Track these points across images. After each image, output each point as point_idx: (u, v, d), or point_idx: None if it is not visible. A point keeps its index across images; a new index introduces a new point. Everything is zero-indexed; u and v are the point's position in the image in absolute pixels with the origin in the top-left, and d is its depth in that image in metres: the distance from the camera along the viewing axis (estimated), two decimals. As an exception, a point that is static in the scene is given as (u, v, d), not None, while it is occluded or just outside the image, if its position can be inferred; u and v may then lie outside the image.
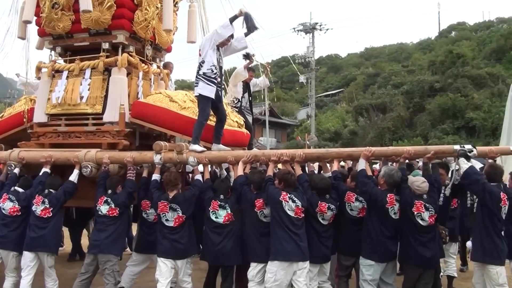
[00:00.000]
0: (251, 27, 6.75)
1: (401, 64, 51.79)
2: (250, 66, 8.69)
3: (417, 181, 5.80)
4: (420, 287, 5.77)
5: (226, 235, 6.03)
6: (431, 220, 5.66)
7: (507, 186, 6.43)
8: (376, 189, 5.83)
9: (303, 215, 5.77)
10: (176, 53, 9.67)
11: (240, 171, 6.21)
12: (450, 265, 7.19)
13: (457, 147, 5.94)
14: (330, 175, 6.30)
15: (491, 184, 5.64)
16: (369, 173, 6.08)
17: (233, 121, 7.82)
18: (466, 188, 5.91)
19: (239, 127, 8.08)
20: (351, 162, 7.37)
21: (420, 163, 6.94)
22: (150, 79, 7.92)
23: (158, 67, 8.37)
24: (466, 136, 31.34)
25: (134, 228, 7.94)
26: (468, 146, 5.89)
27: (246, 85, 8.92)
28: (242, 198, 6.00)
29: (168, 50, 8.74)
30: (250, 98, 9.08)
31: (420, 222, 5.64)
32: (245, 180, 6.07)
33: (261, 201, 5.88)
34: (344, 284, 6.30)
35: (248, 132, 8.46)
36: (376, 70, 52.86)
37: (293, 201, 5.70)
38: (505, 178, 6.73)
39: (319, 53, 79.43)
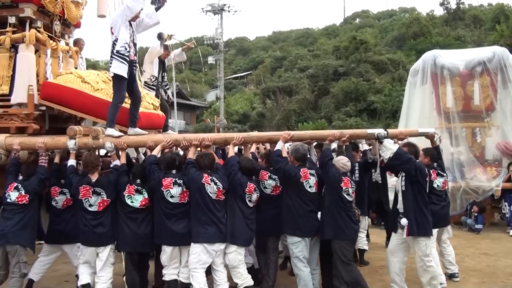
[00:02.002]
0: None
1: (307, 48, 53.19)
2: (165, 43, 8.55)
3: (342, 159, 6.09)
4: None
5: (142, 220, 5.92)
6: (353, 194, 6.06)
7: (421, 161, 6.98)
8: (289, 165, 6.06)
9: (224, 197, 5.87)
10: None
11: (156, 152, 6.15)
12: (361, 239, 7.68)
13: (371, 131, 6.38)
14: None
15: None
16: (284, 154, 6.23)
17: (149, 103, 7.66)
18: (398, 167, 6.23)
19: (155, 109, 7.95)
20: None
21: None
22: (59, 57, 7.44)
23: (67, 44, 7.92)
24: (367, 118, 32.97)
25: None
26: (381, 130, 6.35)
27: (161, 63, 8.77)
28: (150, 176, 5.92)
29: (77, 25, 8.33)
30: (164, 74, 8.95)
31: (347, 197, 5.96)
32: (155, 159, 6.02)
33: (169, 180, 5.85)
34: (263, 261, 6.52)
35: (163, 114, 8.36)
36: (283, 54, 53.88)
37: (215, 183, 5.77)
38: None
39: (228, 35, 79.56)
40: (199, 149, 6.54)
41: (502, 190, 10.80)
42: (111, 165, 6.27)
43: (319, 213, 6.06)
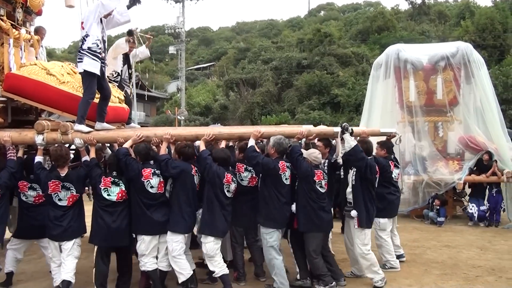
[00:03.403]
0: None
1: (271, 40, 53.27)
2: (132, 35, 8.53)
3: (314, 152, 6.43)
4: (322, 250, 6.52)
5: (119, 214, 5.99)
6: (326, 187, 6.36)
7: (376, 154, 7.39)
8: (266, 159, 6.33)
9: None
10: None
11: (127, 145, 6.22)
12: None
13: (337, 129, 6.68)
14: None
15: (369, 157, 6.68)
16: (257, 149, 6.52)
17: (115, 97, 7.64)
18: (351, 163, 6.61)
19: (120, 103, 7.95)
20: None
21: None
22: (21, 46, 7.34)
23: (29, 32, 7.82)
24: (331, 111, 33.37)
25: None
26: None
27: (126, 57, 8.73)
28: (128, 168, 5.98)
29: (39, 13, 8.21)
30: (130, 70, 8.93)
31: (320, 189, 6.29)
32: (127, 151, 6.09)
33: (148, 170, 5.99)
34: (240, 249, 6.83)
35: (127, 107, 8.38)
36: (247, 45, 53.74)
37: (198, 174, 6.15)
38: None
39: (190, 24, 78.84)
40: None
41: (471, 189, 11.40)
42: (82, 160, 6.27)
43: (293, 205, 6.38)
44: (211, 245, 6.10)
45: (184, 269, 6.03)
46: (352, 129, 6.66)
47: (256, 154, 6.31)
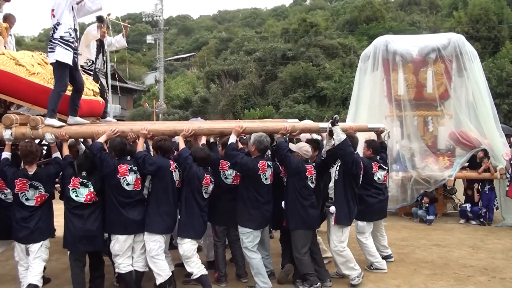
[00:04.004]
0: None
1: (255, 30, 53.36)
2: (103, 22, 8.44)
3: (304, 146, 6.50)
4: (311, 247, 6.62)
5: (89, 216, 5.93)
6: (316, 181, 6.49)
7: (363, 153, 7.44)
8: (245, 158, 6.34)
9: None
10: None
11: (102, 140, 6.18)
12: None
13: (323, 124, 6.76)
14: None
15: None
16: (239, 146, 6.58)
17: (89, 90, 7.58)
18: (339, 156, 6.64)
19: (95, 96, 7.88)
20: None
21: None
22: (-13, 34, 7.23)
23: (-4, 19, 7.71)
24: (317, 105, 33.54)
25: None
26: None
27: (100, 44, 8.64)
28: (102, 163, 5.93)
29: (7, -1, 8.11)
30: (104, 58, 8.85)
31: (311, 185, 6.42)
32: (101, 146, 6.04)
33: (125, 167, 5.97)
34: (221, 249, 6.85)
35: (103, 101, 8.31)
36: (229, 35, 53.79)
37: (178, 170, 6.18)
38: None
39: (168, 12, 78.29)
40: None
41: (466, 190, 11.52)
42: (53, 156, 6.21)
43: (283, 202, 6.49)
44: (188, 246, 6.13)
45: (162, 270, 6.04)
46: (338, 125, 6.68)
47: (235, 153, 6.31)
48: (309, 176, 6.40)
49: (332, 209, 6.62)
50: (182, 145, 6.34)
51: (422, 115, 12.30)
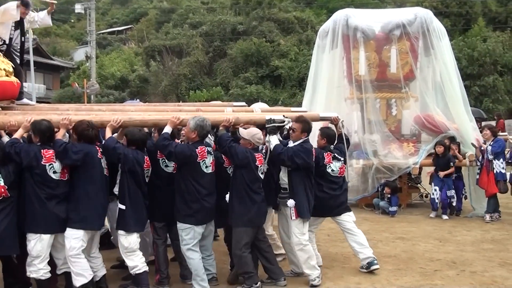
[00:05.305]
0: None
1: (201, 0, 52.88)
2: (27, 8, 8.19)
3: (257, 133, 6.56)
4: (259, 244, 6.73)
5: None
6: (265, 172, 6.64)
7: (317, 142, 7.49)
8: (179, 146, 6.35)
9: None
10: None
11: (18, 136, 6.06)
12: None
13: (268, 117, 6.81)
14: None
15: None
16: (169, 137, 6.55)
17: (0, 70, 7.36)
18: (276, 162, 6.83)
19: (8, 76, 7.64)
20: None
21: None
22: None
23: None
24: (270, 86, 33.72)
25: None
26: (278, 117, 6.84)
27: (19, 21, 8.40)
28: (20, 155, 5.81)
29: None
30: (23, 38, 8.60)
31: (261, 176, 6.55)
32: (17, 140, 5.95)
33: (51, 152, 5.92)
34: (162, 248, 6.80)
35: (18, 81, 8.07)
36: (171, 5, 53.06)
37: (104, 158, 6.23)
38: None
39: (100, -23, 76.28)
40: None
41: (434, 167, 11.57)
42: None
43: (227, 196, 6.52)
44: (134, 238, 6.21)
45: (86, 269, 6.02)
46: (285, 120, 6.83)
47: (167, 143, 6.26)
48: (259, 166, 6.46)
49: (291, 202, 6.64)
50: (108, 135, 6.29)
51: (385, 97, 12.52)
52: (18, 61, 8.41)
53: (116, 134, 6.48)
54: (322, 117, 7.81)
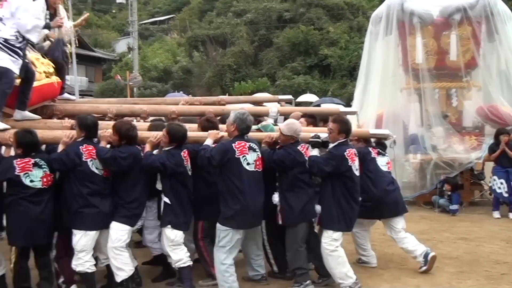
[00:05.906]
0: None
1: (245, -13, 52.99)
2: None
3: (297, 127, 6.57)
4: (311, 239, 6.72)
5: None
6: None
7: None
8: (214, 148, 6.28)
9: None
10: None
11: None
12: None
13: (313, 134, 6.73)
14: None
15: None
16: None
17: (40, 73, 7.38)
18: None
19: (48, 77, 7.73)
20: None
21: None
22: None
23: None
24: (319, 76, 33.35)
25: None
26: (324, 135, 6.61)
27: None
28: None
29: None
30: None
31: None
32: None
33: (91, 148, 6.10)
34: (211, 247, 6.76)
35: (59, 80, 8.13)
36: (214, -7, 53.35)
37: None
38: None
39: (142, -34, 77.34)
40: None
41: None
42: None
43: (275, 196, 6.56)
44: (179, 232, 6.32)
45: (126, 264, 6.19)
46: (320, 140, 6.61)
47: (204, 151, 6.23)
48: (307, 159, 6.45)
49: (317, 208, 6.56)
50: (147, 150, 6.36)
51: (444, 87, 12.34)
52: (61, 56, 8.54)
53: (146, 147, 6.43)
54: (372, 134, 7.65)
